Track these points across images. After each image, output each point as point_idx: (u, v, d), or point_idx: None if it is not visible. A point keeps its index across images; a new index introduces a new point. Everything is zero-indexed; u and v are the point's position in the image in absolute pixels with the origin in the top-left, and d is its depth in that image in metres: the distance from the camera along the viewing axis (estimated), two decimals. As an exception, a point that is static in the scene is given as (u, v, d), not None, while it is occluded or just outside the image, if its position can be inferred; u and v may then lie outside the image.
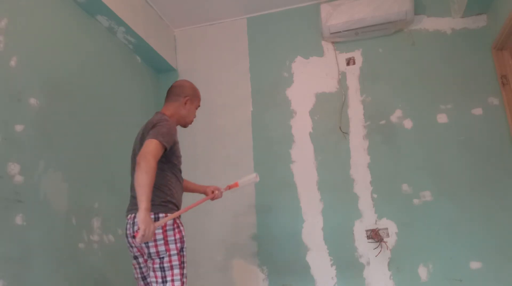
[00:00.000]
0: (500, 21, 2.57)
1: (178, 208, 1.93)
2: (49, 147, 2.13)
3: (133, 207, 1.88)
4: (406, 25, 2.99)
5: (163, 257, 1.79)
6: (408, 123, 2.86)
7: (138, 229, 1.64)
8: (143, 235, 1.62)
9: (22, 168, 1.93)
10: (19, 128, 1.96)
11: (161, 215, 1.81)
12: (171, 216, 1.81)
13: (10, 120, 1.92)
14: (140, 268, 1.91)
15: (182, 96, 2.09)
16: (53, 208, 2.11)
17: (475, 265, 2.54)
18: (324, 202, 2.86)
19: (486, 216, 2.58)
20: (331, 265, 2.75)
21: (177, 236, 1.82)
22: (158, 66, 3.36)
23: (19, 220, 1.88)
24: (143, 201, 1.64)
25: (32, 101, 2.06)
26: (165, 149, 1.83)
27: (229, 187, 2.29)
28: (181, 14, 3.32)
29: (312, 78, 3.11)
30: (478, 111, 2.76)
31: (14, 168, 1.89)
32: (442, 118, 2.80)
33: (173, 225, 1.83)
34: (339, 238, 2.78)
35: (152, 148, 1.74)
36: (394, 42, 3.02)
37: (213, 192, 2.28)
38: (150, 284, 1.88)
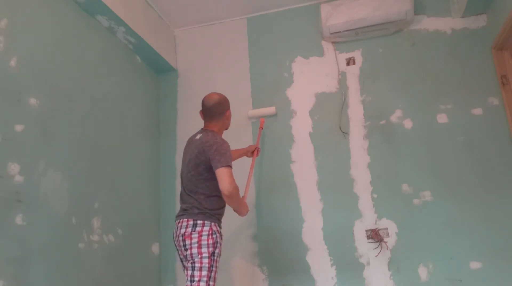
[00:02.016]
0: (500, 21, 2.57)
1: (218, 218, 2.17)
2: (49, 147, 2.13)
3: (181, 213, 2.16)
4: (406, 25, 2.99)
5: (195, 259, 2.02)
6: (408, 123, 2.86)
7: (185, 233, 2.07)
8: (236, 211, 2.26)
9: (22, 168, 1.93)
10: (19, 128, 1.96)
11: (199, 222, 2.07)
12: (248, 180, 2.62)
13: (10, 120, 1.92)
14: (187, 270, 2.11)
15: (224, 112, 2.33)
16: (53, 208, 2.11)
17: (475, 265, 2.54)
18: (324, 202, 2.86)
19: (486, 216, 2.58)
20: (331, 265, 2.75)
21: (210, 241, 2.04)
22: (158, 66, 3.36)
23: (19, 220, 1.88)
24: (240, 212, 2.26)
25: (32, 101, 2.07)
26: None
27: (261, 128, 2.99)
28: (181, 14, 3.32)
29: (312, 78, 3.11)
30: (478, 111, 2.76)
31: (14, 168, 1.90)
32: (442, 118, 2.81)
33: (209, 231, 2.06)
34: (339, 238, 2.78)
35: (228, 177, 2.04)
36: (394, 42, 3.02)
37: (256, 149, 2.82)
38: None
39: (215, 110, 2.29)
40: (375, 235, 2.71)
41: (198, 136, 2.25)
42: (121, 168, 2.75)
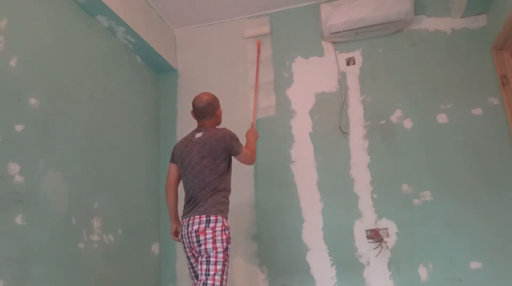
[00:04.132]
0: (500, 21, 2.57)
1: (227, 211, 2.23)
2: (49, 147, 2.14)
3: (192, 209, 2.18)
4: (406, 25, 2.99)
5: (210, 253, 2.06)
6: (408, 123, 2.86)
7: (198, 229, 2.09)
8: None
9: (22, 168, 1.93)
10: (19, 128, 1.96)
11: (212, 218, 2.11)
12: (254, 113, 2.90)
13: (10, 120, 1.92)
14: (193, 267, 2.20)
15: (215, 111, 2.39)
16: (53, 208, 2.11)
17: (475, 265, 2.54)
18: (324, 202, 2.86)
19: (486, 216, 2.58)
20: (331, 265, 2.75)
21: (224, 237, 2.10)
22: (158, 66, 3.36)
23: (19, 220, 1.88)
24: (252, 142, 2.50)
25: (32, 101, 2.07)
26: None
27: (258, 51, 3.19)
28: (181, 14, 3.32)
29: (312, 78, 3.11)
30: (478, 111, 2.76)
31: (14, 168, 1.90)
32: (442, 118, 2.81)
33: (222, 227, 2.11)
34: (339, 238, 2.78)
35: (249, 157, 2.33)
36: (394, 42, 3.02)
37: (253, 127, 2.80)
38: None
39: (206, 111, 2.34)
40: (375, 235, 2.71)
41: (199, 135, 2.28)
42: (121, 168, 2.75)
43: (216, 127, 2.41)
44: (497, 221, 2.56)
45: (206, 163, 2.20)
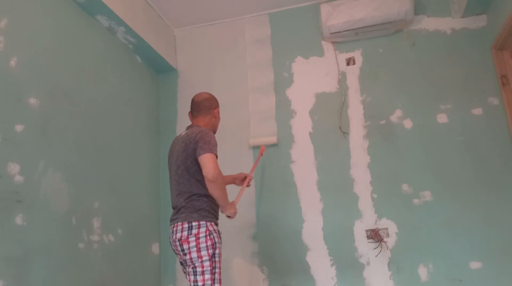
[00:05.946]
0: (500, 21, 2.57)
1: (214, 214, 2.10)
2: (49, 147, 2.13)
3: (174, 217, 2.08)
4: (406, 25, 2.99)
5: (196, 263, 1.95)
6: (408, 123, 2.86)
7: (181, 237, 1.99)
8: (230, 217, 2.16)
9: (22, 168, 1.93)
10: (19, 128, 1.96)
11: (194, 223, 1.99)
12: (240, 192, 2.40)
13: (10, 120, 1.92)
14: (188, 275, 2.04)
15: (212, 109, 2.30)
16: (53, 208, 2.11)
17: (475, 265, 2.54)
18: (324, 202, 2.86)
19: (486, 216, 2.58)
20: (331, 265, 2.75)
21: (209, 243, 1.97)
22: (158, 66, 3.36)
23: (19, 220, 1.88)
24: (225, 205, 2.08)
25: (32, 101, 2.07)
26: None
27: (261, 154, 2.84)
28: (181, 14, 3.32)
29: (312, 78, 3.11)
30: (478, 111, 2.76)
31: (14, 168, 1.90)
32: (442, 118, 2.81)
33: (206, 232, 1.99)
34: (339, 238, 2.78)
35: (212, 162, 1.98)
36: (394, 42, 3.02)
37: (245, 178, 2.55)
38: None
39: (203, 105, 2.28)
40: (375, 235, 2.71)
41: (183, 133, 2.24)
42: (121, 168, 2.75)
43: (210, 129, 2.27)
44: (497, 221, 2.56)
45: (180, 163, 2.10)
